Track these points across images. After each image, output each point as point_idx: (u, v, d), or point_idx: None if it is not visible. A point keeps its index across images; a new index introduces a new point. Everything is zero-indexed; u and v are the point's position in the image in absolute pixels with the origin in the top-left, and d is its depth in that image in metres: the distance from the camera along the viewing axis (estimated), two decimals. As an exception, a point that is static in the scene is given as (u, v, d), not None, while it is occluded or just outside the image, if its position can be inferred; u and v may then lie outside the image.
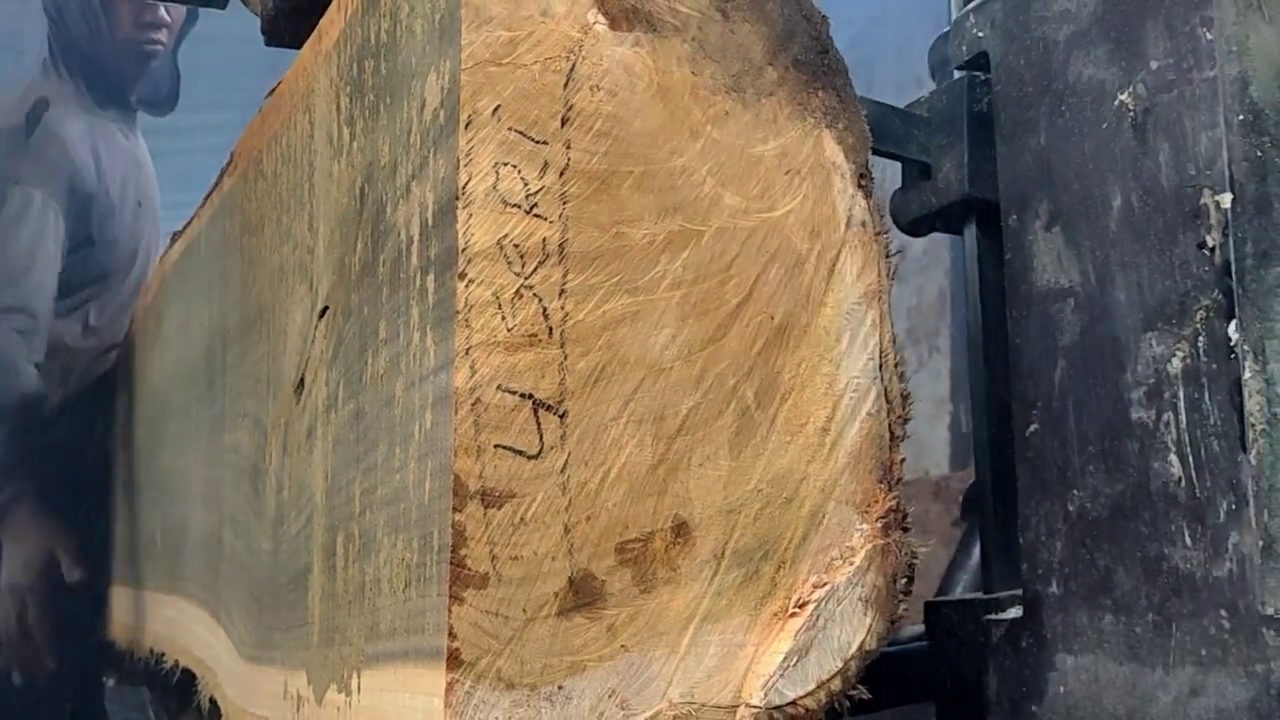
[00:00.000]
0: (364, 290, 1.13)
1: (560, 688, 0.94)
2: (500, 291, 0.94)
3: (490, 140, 0.94)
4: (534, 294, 0.95)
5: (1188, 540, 1.02)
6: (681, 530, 1.00)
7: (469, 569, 0.92)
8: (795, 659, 1.02)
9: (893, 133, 1.37)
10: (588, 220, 0.97)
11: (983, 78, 1.31)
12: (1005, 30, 1.24)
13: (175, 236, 2.23)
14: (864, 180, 1.09)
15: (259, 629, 1.44)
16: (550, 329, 0.95)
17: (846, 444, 1.06)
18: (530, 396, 0.94)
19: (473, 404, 0.92)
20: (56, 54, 3.05)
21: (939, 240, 3.04)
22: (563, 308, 0.96)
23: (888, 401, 1.08)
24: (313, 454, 1.26)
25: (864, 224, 1.08)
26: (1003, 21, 1.24)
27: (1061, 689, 1.13)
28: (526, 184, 0.95)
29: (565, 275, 0.96)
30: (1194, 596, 1.01)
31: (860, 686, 1.04)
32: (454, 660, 0.91)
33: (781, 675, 1.01)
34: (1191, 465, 1.02)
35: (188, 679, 1.87)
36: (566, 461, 0.95)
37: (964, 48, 1.29)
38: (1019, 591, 1.21)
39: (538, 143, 0.96)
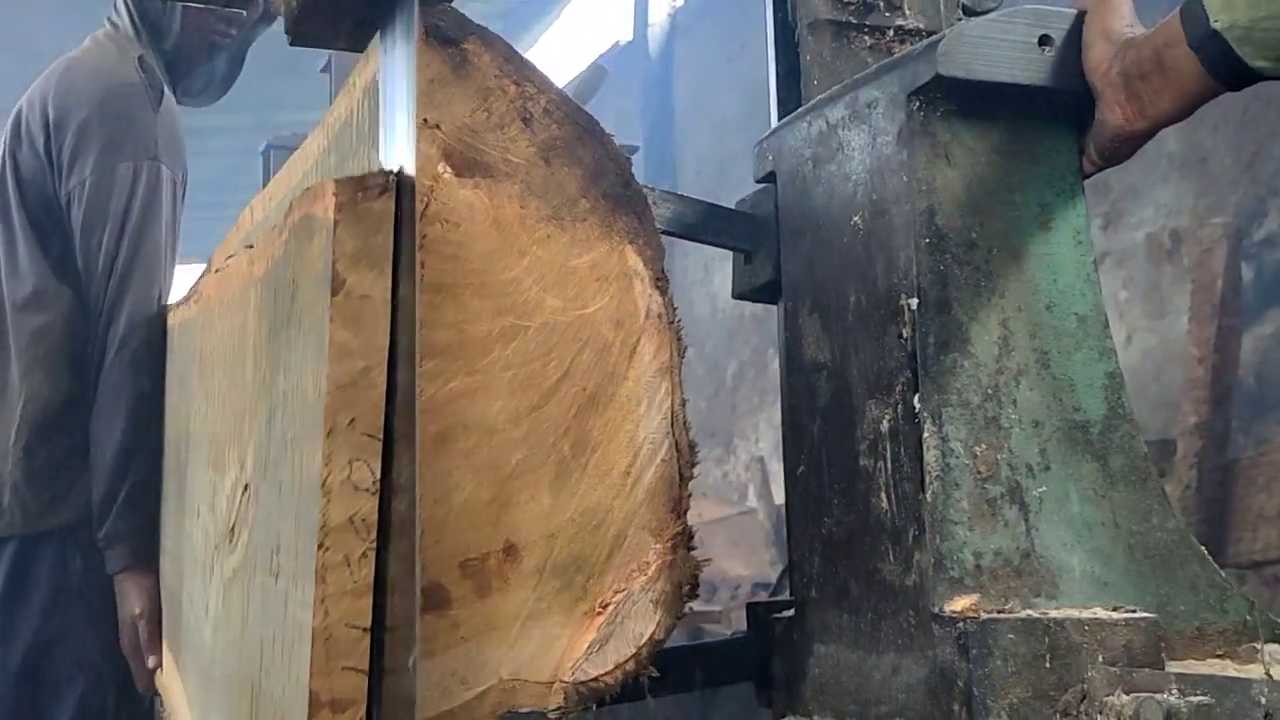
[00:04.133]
0: (271, 496, 1.31)
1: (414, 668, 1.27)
2: (350, 554, 1.11)
3: (346, 444, 1.11)
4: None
5: (891, 558, 1.35)
6: (511, 551, 1.31)
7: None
8: (598, 646, 1.34)
9: (721, 228, 1.71)
10: (437, 321, 1.29)
11: (786, 186, 1.64)
12: (783, 157, 1.57)
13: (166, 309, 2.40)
14: (660, 282, 1.41)
15: (204, 699, 1.68)
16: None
17: (644, 484, 1.37)
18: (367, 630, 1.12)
19: (325, 639, 1.10)
20: (140, 30, 2.57)
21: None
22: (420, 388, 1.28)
23: (678, 451, 1.40)
24: (236, 597, 1.46)
25: (660, 316, 1.40)
26: (782, 150, 1.57)
27: (816, 671, 1.46)
28: (373, 473, 1.12)
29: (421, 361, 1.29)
30: (894, 600, 1.34)
31: (650, 667, 1.37)
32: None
33: (587, 659, 1.33)
34: (894, 501, 1.35)
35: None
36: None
37: (761, 167, 1.62)
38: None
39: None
